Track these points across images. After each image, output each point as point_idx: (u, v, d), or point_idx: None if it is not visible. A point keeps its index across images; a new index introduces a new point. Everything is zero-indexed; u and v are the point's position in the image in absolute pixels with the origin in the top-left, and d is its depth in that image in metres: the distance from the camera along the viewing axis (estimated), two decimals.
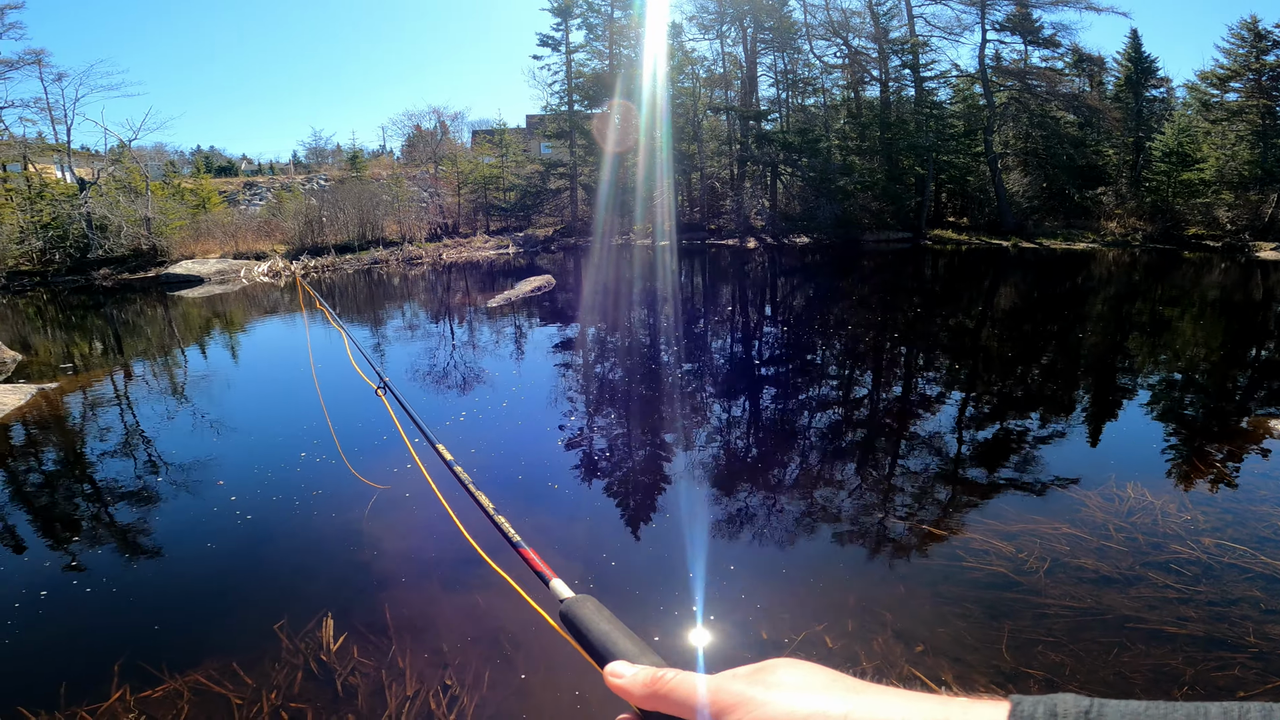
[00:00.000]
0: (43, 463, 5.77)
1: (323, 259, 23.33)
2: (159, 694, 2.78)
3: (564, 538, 4.03)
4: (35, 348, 10.92)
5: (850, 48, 26.57)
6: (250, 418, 6.77)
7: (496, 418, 6.23)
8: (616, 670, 0.49)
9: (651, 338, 10.09)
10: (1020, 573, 3.49)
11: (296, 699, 2.74)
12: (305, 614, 3.26)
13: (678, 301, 13.82)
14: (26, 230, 21.43)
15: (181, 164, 43.17)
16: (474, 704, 2.70)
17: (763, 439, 5.77)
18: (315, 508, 4.46)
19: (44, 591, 3.61)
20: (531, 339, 10.34)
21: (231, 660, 2.95)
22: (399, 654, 2.98)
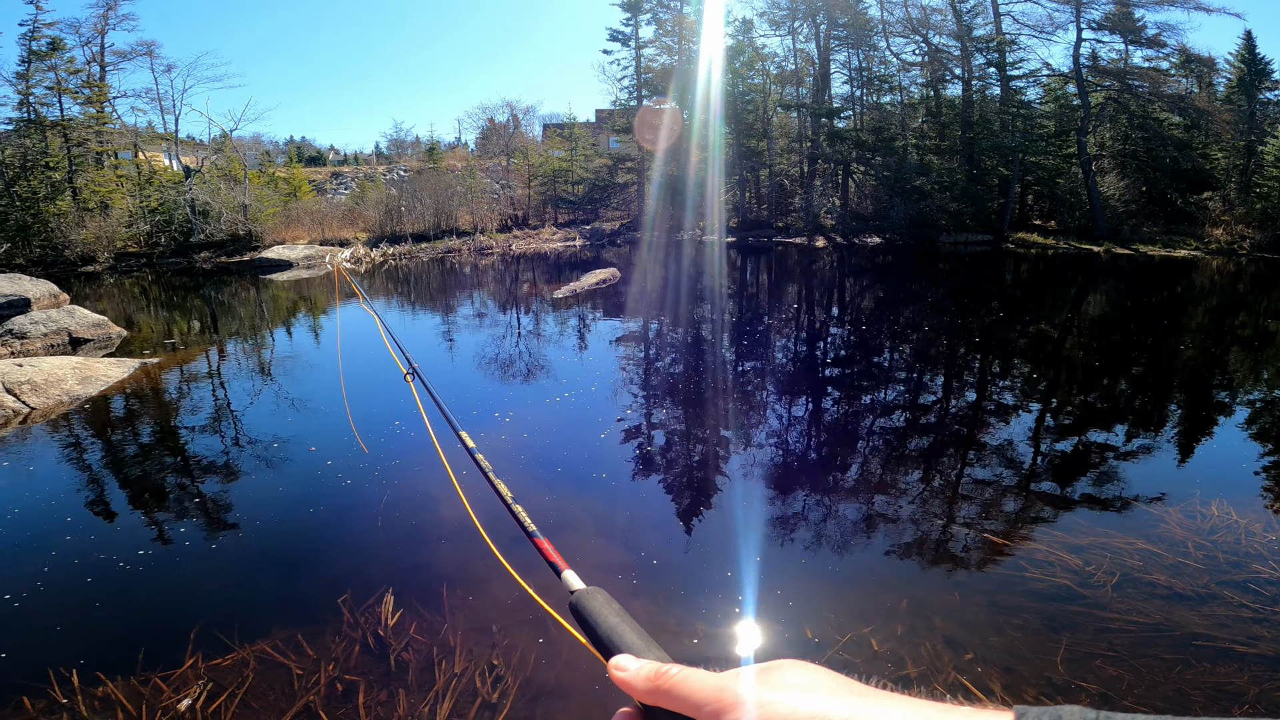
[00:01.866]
0: (139, 433, 6.24)
1: (400, 247, 24.30)
2: (228, 662, 2.94)
3: (609, 526, 4.10)
4: (139, 325, 11.85)
5: (930, 45, 25.55)
6: (328, 398, 7.15)
7: (555, 406, 6.38)
8: (620, 664, 0.49)
9: (713, 334, 10.06)
10: (1086, 586, 3.36)
11: (352, 671, 2.86)
12: (367, 589, 3.41)
13: (741, 298, 13.71)
14: (135, 215, 23.20)
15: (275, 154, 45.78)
16: (517, 684, 2.78)
17: (821, 439, 5.68)
18: (383, 486, 4.68)
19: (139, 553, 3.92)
20: (594, 331, 10.49)
21: (297, 632, 3.11)
22: (451, 632, 3.09)
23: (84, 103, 24.22)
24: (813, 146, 26.37)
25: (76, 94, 23.99)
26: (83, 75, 24.29)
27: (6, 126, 23.29)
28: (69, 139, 23.15)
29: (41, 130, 22.83)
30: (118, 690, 2.76)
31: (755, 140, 27.55)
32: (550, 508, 4.27)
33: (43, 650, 3.00)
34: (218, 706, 2.66)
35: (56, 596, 3.43)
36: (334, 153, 60.85)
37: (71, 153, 23.21)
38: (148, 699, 2.71)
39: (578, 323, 11.15)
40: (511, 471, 4.86)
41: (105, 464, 5.38)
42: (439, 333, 10.72)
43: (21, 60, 22.99)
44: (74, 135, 23.28)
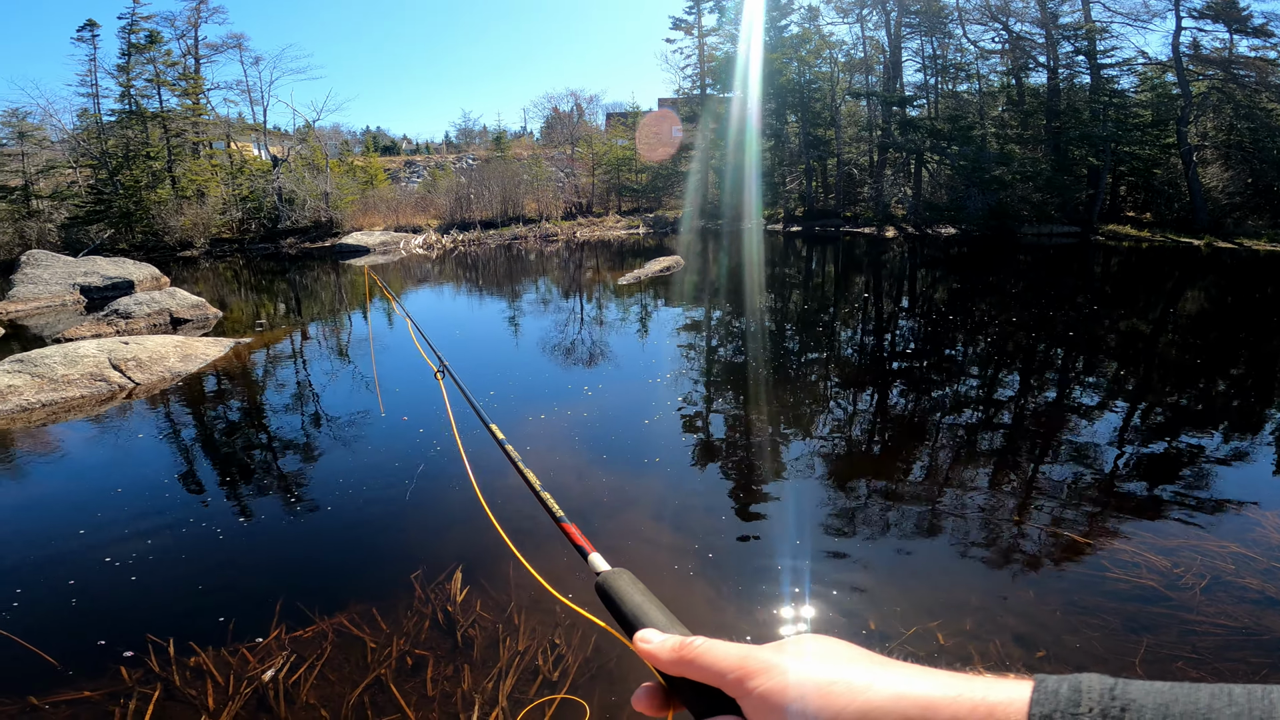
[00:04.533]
0: (232, 410, 6.61)
1: (469, 233, 24.96)
2: (308, 634, 3.03)
3: (664, 511, 4.11)
4: (232, 307, 12.62)
5: (1011, 33, 24.21)
6: (403, 379, 7.43)
7: (615, 392, 6.44)
8: (645, 636, 0.50)
9: (776, 323, 9.92)
10: (1173, 588, 3.19)
11: (421, 646, 2.94)
12: (439, 566, 3.50)
13: (807, 287, 13.46)
14: (228, 202, 24.63)
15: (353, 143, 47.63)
16: (577, 663, 2.82)
17: (889, 431, 5.53)
18: (457, 464, 4.85)
19: (233, 525, 4.17)
20: (657, 318, 10.51)
21: (372, 606, 3.20)
22: (516, 610, 3.15)
23: (181, 94, 25.71)
24: (883, 135, 25.50)
25: (174, 86, 25.48)
26: (179, 68, 25.76)
27: (110, 118, 24.99)
28: (168, 130, 24.68)
29: (142, 121, 24.40)
30: (208, 660, 2.88)
31: (822, 129, 26.88)
32: (605, 489, 4.33)
33: (143, 620, 3.17)
34: (298, 678, 2.77)
35: (158, 566, 3.64)
36: (407, 142, 62.81)
37: (170, 143, 24.75)
38: (235, 669, 2.82)
39: (640, 309, 11.20)
40: (567, 450, 4.96)
41: (202, 438, 5.75)
42: (505, 317, 10.98)
43: (122, 53, 24.53)
44: (172, 126, 24.80)
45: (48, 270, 13.72)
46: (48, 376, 6.44)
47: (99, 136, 24.09)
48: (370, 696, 2.67)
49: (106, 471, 4.98)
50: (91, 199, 23.11)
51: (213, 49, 26.90)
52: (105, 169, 23.40)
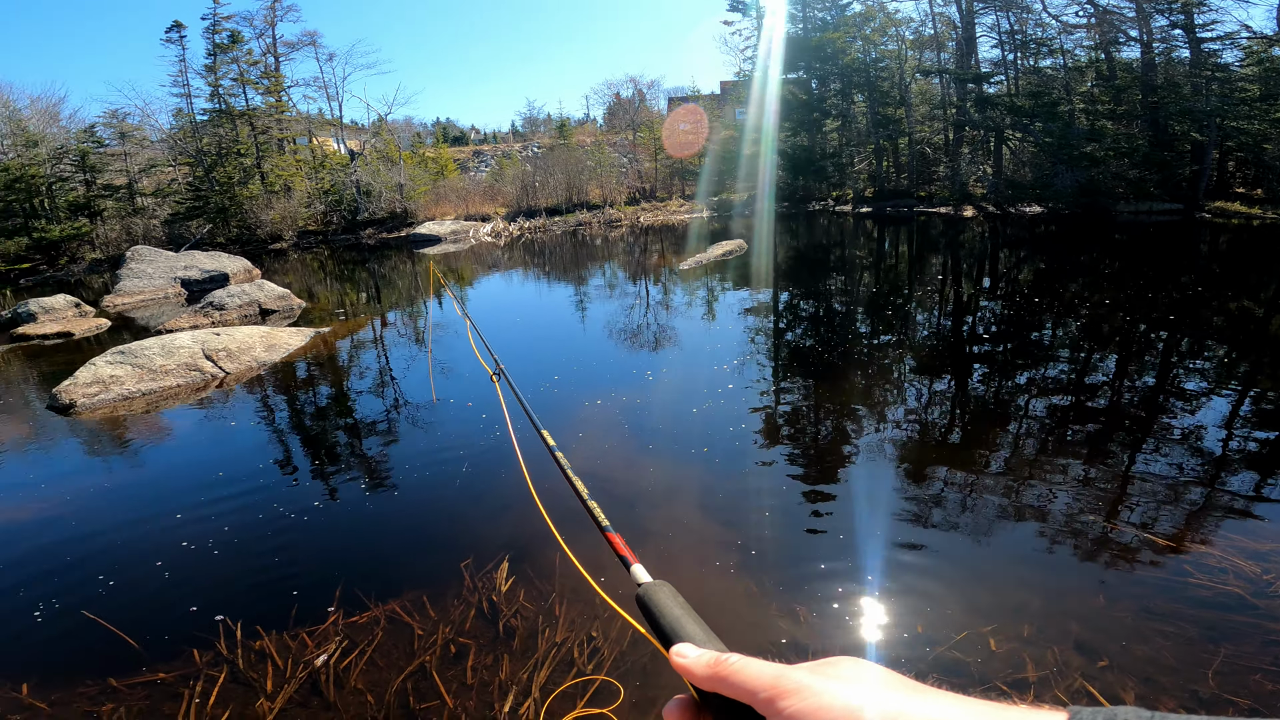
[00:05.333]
0: (312, 398, 6.95)
1: (535, 221, 25.34)
2: (363, 620, 3.12)
3: (713, 500, 4.05)
4: (316, 297, 13.29)
5: (1097, 7, 22.32)
6: (471, 366, 7.63)
7: (676, 377, 6.39)
8: (681, 650, 0.51)
9: (845, 306, 9.61)
10: (1260, 595, 2.94)
11: (465, 634, 3.00)
12: (488, 555, 3.56)
13: (878, 269, 12.96)
14: (312, 195, 25.89)
15: (424, 135, 49.14)
16: (612, 657, 2.83)
17: (963, 420, 5.26)
18: (520, 453, 4.94)
19: (307, 510, 4.36)
20: (721, 301, 10.37)
21: (424, 593, 3.28)
22: (557, 602, 3.18)
23: (264, 92, 27.00)
24: (958, 113, 24.15)
25: (257, 84, 26.75)
26: (260, 66, 27.04)
27: (202, 117, 26.58)
28: (255, 127, 26.04)
29: (231, 119, 25.82)
30: (271, 644, 2.99)
31: (892, 108, 25.74)
32: (651, 478, 4.31)
33: (218, 603, 3.34)
34: (349, 662, 2.86)
35: (237, 550, 3.85)
36: (475, 132, 64.26)
37: (258, 140, 26.13)
38: (294, 653, 2.93)
39: (703, 293, 11.09)
40: (619, 437, 4.97)
41: (281, 427, 6.07)
42: (570, 302, 11.10)
43: (208, 53, 25.95)
44: (259, 123, 26.16)
45: (151, 265, 14.84)
46: (147, 367, 6.98)
47: (194, 135, 25.70)
48: (413, 683, 2.74)
49: (198, 458, 5.35)
50: (190, 195, 24.76)
51: (290, 47, 28.09)
52: (201, 166, 24.97)
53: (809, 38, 25.74)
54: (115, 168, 24.94)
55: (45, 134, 23.93)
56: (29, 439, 6.02)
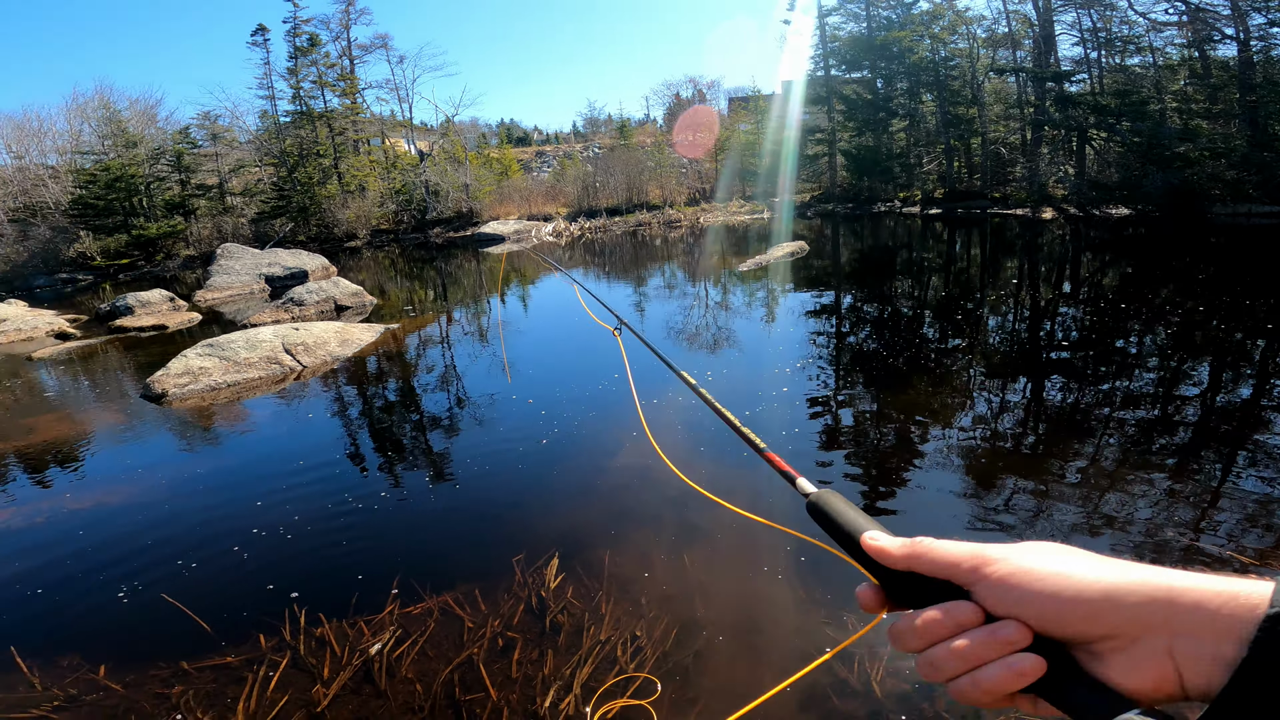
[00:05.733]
0: (378, 392, 7.21)
1: (596, 221, 25.59)
2: (417, 611, 3.18)
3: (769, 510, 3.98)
4: (387, 294, 13.83)
5: (1189, 5, 20.86)
6: (536, 363, 7.78)
7: (735, 378, 6.33)
8: (874, 535, 0.53)
9: (913, 308, 9.31)
10: None
11: (513, 629, 3.03)
12: (539, 550, 3.59)
13: (947, 272, 12.50)
14: (385, 195, 26.94)
15: (489, 136, 50.38)
16: (655, 656, 2.82)
17: (1035, 430, 5.01)
18: (577, 450, 4.99)
19: (373, 500, 4.53)
20: (781, 303, 10.22)
21: (475, 586, 3.33)
22: (604, 599, 3.19)
23: (340, 94, 28.24)
24: (1037, 112, 23.03)
25: (334, 86, 27.91)
26: (337, 69, 28.25)
27: (285, 118, 27.98)
28: (332, 128, 27.28)
29: (311, 121, 27.07)
30: (330, 631, 3.08)
31: (963, 107, 24.79)
32: (710, 479, 4.28)
33: (287, 589, 3.47)
34: (401, 652, 2.92)
35: (309, 538, 4.00)
36: (538, 133, 65.45)
37: (335, 141, 27.37)
38: (351, 641, 3.01)
39: (764, 295, 10.96)
40: (676, 439, 4.95)
41: (352, 419, 6.34)
42: (630, 302, 11.17)
43: (289, 56, 27.34)
44: (336, 125, 27.36)
45: (239, 262, 15.78)
46: (232, 359, 7.43)
47: (277, 136, 27.11)
48: (460, 675, 2.79)
49: (276, 448, 5.65)
50: (274, 195, 26.16)
51: (363, 49, 29.23)
52: (284, 167, 26.34)
53: (873, 37, 25.12)
54: (207, 168, 26.60)
55: (144, 135, 25.69)
56: (124, 426, 6.49)
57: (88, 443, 6.11)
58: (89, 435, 6.31)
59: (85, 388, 8.35)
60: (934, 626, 0.46)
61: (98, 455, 5.77)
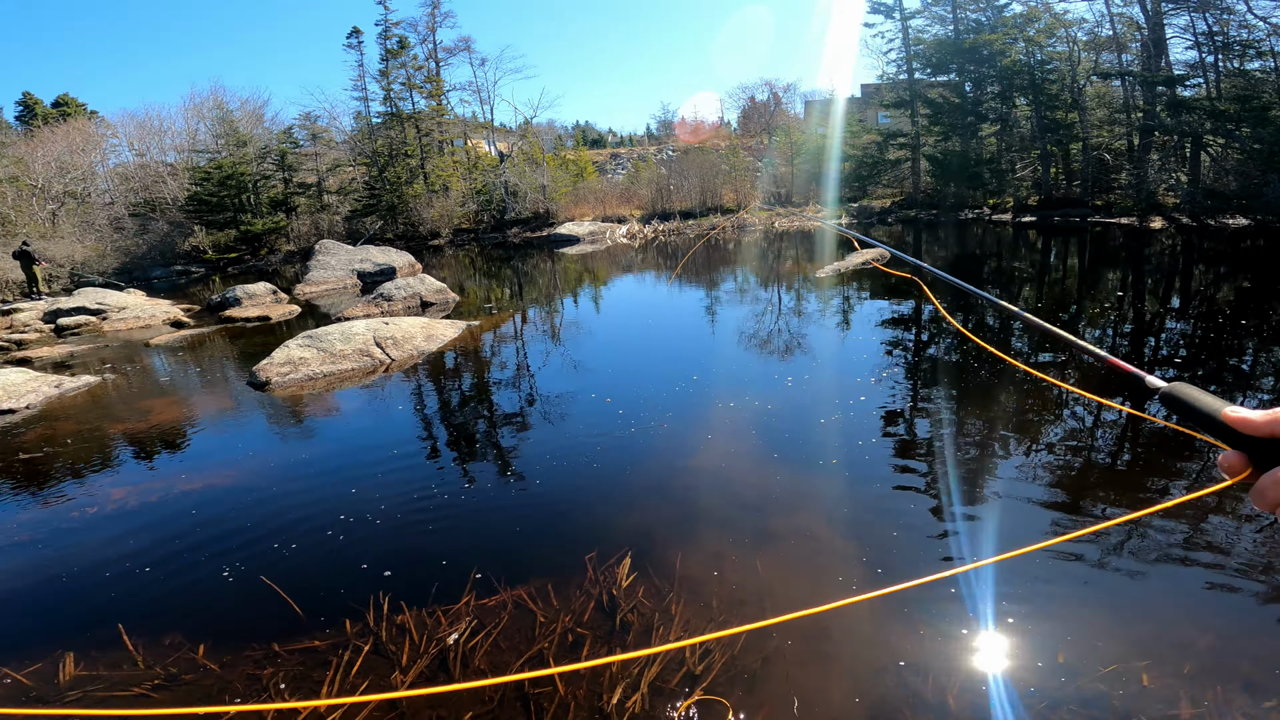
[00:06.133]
0: (461, 387, 7.48)
1: (669, 224, 25.65)
2: (492, 603, 3.26)
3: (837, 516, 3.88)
4: (467, 291, 14.33)
5: None
6: (614, 363, 7.84)
7: (810, 387, 6.21)
8: (1236, 409, 0.60)
9: (999, 319, 8.88)
10: None
11: (583, 625, 3.07)
12: (612, 549, 3.63)
13: (1041, 283, 11.84)
14: (466, 195, 27.89)
15: (565, 138, 51.32)
16: (723, 661, 2.81)
17: (1133, 448, 4.68)
18: (653, 450, 5.02)
19: (456, 492, 4.69)
20: (858, 311, 9.96)
21: (548, 581, 3.39)
22: (674, 601, 3.19)
23: (427, 96, 29.38)
24: (1145, 117, 21.46)
25: (421, 88, 29.01)
26: (424, 71, 29.38)
27: (377, 119, 29.34)
28: (420, 129, 28.44)
29: (400, 122, 28.33)
30: (411, 620, 3.16)
31: (1062, 111, 23.44)
32: (783, 486, 4.21)
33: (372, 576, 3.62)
34: (475, 643, 3.00)
35: (394, 526, 4.16)
36: (612, 135, 66.16)
37: (422, 141, 28.55)
38: (429, 630, 3.09)
39: (841, 302, 10.71)
40: (750, 443, 4.90)
41: (437, 412, 6.59)
42: (702, 306, 11.16)
43: (381, 59, 28.63)
44: (423, 126, 28.51)
45: (334, 258, 16.72)
46: (329, 351, 7.89)
47: (370, 137, 28.53)
48: (530, 668, 2.85)
49: (367, 438, 5.94)
50: (366, 194, 27.55)
51: (448, 52, 30.20)
52: (375, 167, 27.69)
53: (961, 40, 24.15)
54: (307, 167, 28.27)
55: (252, 134, 27.53)
56: (231, 411, 7.00)
57: (198, 426, 6.61)
58: (200, 419, 6.83)
59: (197, 374, 9.06)
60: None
61: (208, 439, 6.23)
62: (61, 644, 3.20)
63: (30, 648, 3.21)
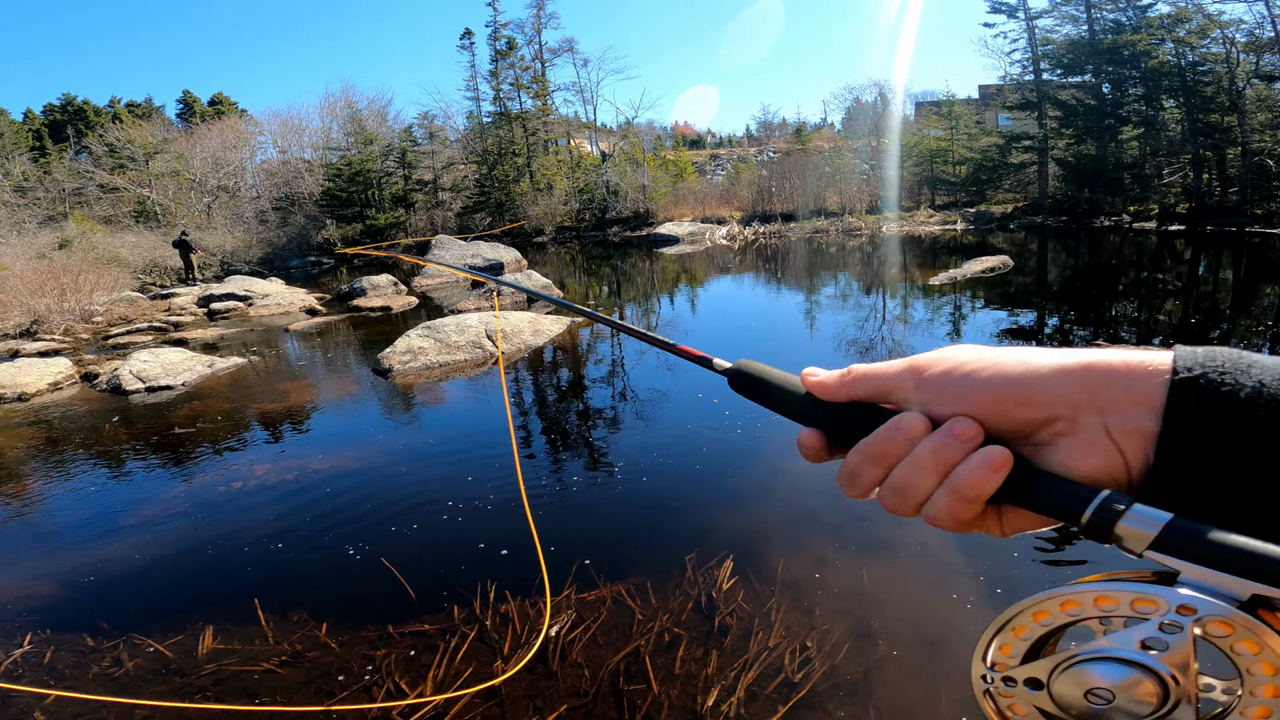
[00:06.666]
0: (564, 382, 7.68)
1: (770, 226, 25.25)
2: (592, 597, 3.30)
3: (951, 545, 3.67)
4: (567, 287, 14.73)
5: None
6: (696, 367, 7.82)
7: None
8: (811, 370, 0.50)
9: (1137, 334, 8.14)
10: None
11: (680, 625, 3.06)
12: (712, 551, 3.60)
13: (1188, 295, 10.72)
14: (569, 194, 28.68)
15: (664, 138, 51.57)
16: (823, 669, 2.73)
17: None
18: (759, 451, 4.97)
19: (566, 484, 4.84)
20: (974, 321, 9.41)
21: (647, 580, 3.40)
22: (775, 607, 3.13)
23: (533, 96, 30.45)
24: None
25: (528, 88, 30.15)
26: (530, 72, 30.47)
27: (487, 119, 30.72)
28: (526, 129, 29.53)
29: (509, 122, 29.54)
30: (514, 609, 3.24)
31: (1218, 115, 21.19)
32: None
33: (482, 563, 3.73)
34: (575, 636, 3.03)
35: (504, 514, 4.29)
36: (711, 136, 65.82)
37: (528, 141, 29.63)
38: (531, 620, 3.16)
39: (953, 311, 10.16)
40: None
41: (543, 405, 6.81)
42: (801, 310, 10.92)
43: (491, 60, 29.87)
44: (529, 125, 29.61)
45: (448, 252, 17.66)
46: (445, 341, 8.36)
47: (480, 136, 29.93)
48: (626, 665, 2.86)
49: (480, 426, 6.21)
50: (477, 191, 28.94)
51: (552, 53, 31.24)
52: (485, 165, 29.03)
53: (1098, 40, 22.42)
54: (424, 164, 30.05)
55: (377, 133, 29.56)
56: (356, 396, 7.54)
57: (328, 409, 7.15)
58: (330, 402, 7.39)
59: (328, 359, 9.85)
60: (887, 445, 0.43)
61: (336, 421, 6.73)
62: (203, 616, 3.41)
63: (174, 618, 3.43)
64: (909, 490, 0.42)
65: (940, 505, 0.41)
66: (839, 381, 0.47)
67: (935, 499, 0.41)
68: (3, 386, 8.16)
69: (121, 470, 5.71)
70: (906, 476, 0.42)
